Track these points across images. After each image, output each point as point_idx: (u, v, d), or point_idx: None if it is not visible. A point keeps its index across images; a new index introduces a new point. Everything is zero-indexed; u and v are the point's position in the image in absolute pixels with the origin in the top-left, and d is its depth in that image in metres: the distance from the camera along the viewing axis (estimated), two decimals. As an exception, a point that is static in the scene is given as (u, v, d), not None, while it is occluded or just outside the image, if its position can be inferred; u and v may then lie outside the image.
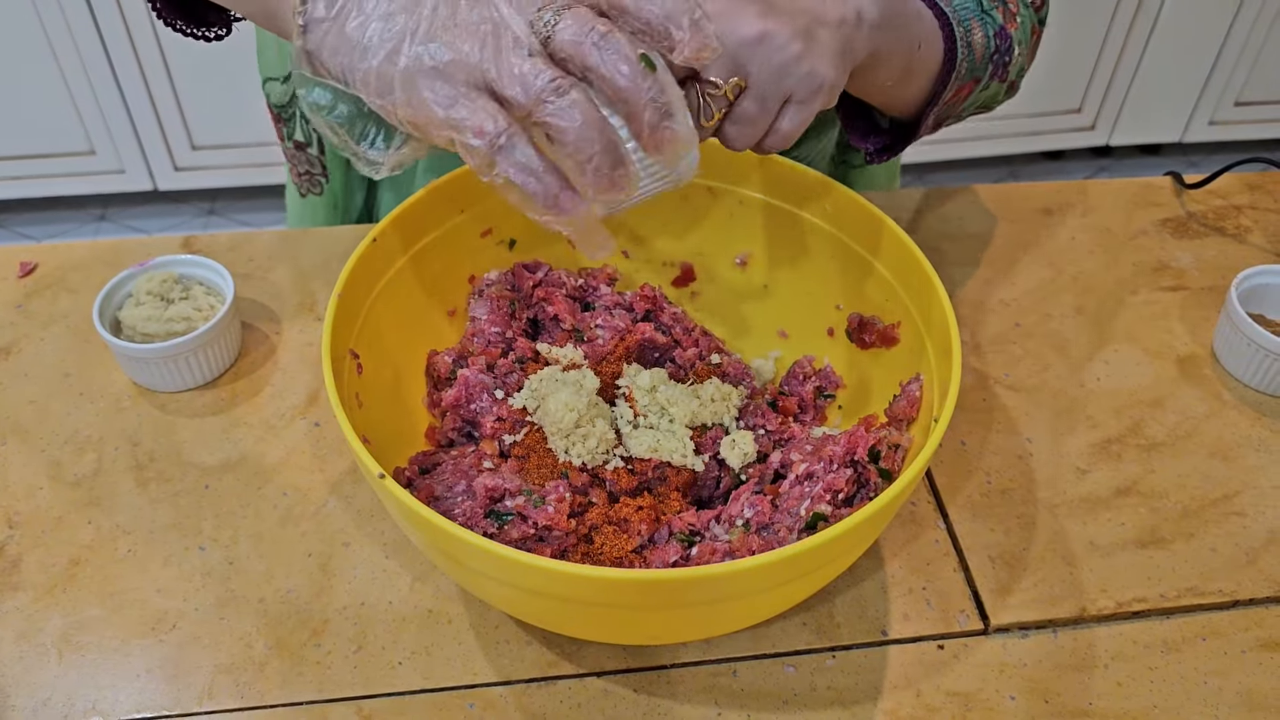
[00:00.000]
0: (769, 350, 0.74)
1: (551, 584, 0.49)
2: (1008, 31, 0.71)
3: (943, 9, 0.67)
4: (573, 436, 0.62)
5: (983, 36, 0.69)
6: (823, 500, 0.57)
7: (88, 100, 1.93)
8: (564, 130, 0.46)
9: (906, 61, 0.64)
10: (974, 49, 0.68)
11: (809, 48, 0.55)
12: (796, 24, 0.55)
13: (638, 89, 0.46)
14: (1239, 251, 0.89)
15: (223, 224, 2.18)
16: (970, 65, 0.69)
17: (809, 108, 0.56)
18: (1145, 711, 0.60)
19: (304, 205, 0.97)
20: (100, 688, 0.60)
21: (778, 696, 0.60)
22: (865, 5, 0.59)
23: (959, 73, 0.68)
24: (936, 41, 0.66)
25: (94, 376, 0.76)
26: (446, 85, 0.47)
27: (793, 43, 0.54)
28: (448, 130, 0.47)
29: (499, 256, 0.73)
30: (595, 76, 0.47)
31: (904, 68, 0.65)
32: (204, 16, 0.68)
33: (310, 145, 0.92)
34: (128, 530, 0.67)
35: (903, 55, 0.64)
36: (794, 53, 0.54)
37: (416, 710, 0.59)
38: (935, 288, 0.61)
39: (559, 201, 0.47)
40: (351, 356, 0.61)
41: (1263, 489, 0.71)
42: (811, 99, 0.56)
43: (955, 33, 0.67)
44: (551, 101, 0.46)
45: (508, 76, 0.46)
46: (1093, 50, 2.08)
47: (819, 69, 0.55)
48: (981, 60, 0.70)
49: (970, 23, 0.68)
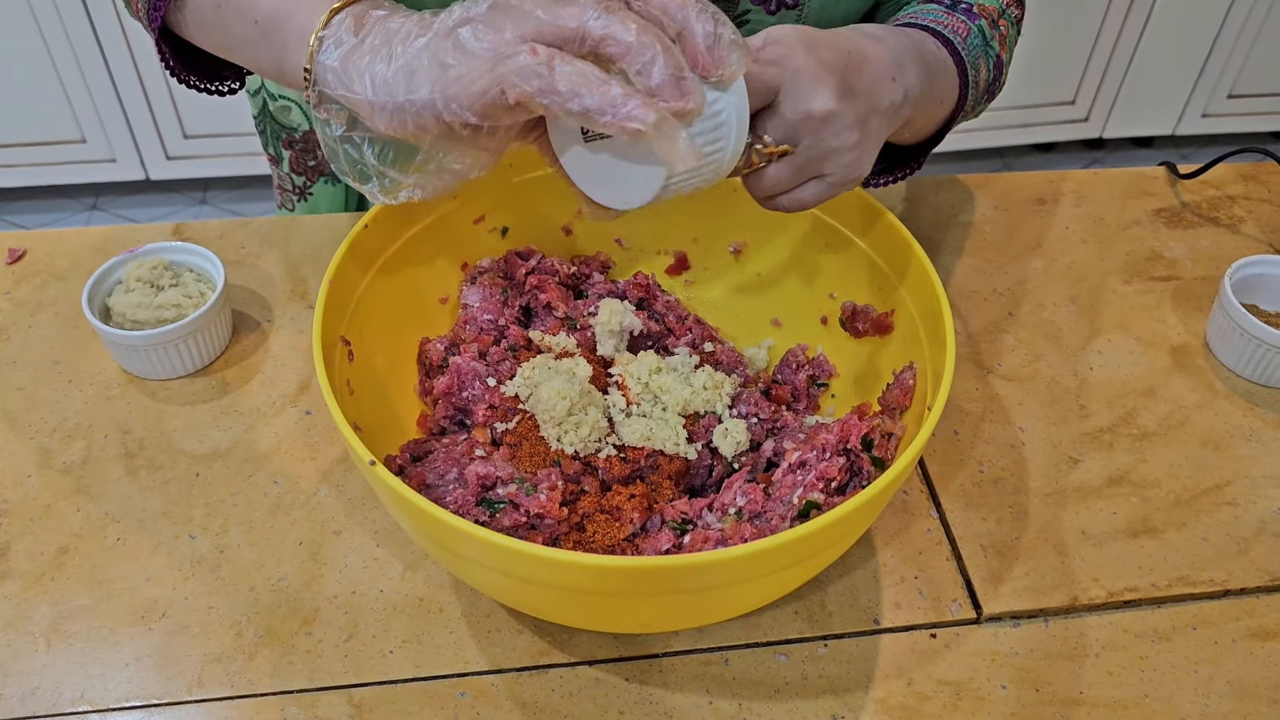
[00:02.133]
0: (762, 339, 0.74)
1: (543, 572, 0.49)
2: (1001, 59, 0.72)
3: (961, 55, 0.67)
4: (565, 424, 0.62)
5: (985, 71, 0.70)
6: (815, 488, 0.57)
7: (79, 88, 1.92)
8: (621, 39, 0.45)
9: (928, 118, 0.65)
10: (978, 85, 0.69)
11: (862, 139, 0.55)
12: (858, 110, 0.55)
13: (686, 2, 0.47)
14: (1232, 242, 0.89)
15: (215, 213, 2.17)
16: (974, 100, 0.70)
17: (835, 190, 0.57)
18: (1136, 700, 0.60)
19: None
20: (89, 676, 0.59)
21: (770, 685, 0.60)
22: (913, 84, 0.59)
23: (965, 112, 0.69)
24: (954, 90, 0.67)
25: (83, 364, 0.75)
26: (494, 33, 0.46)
27: (851, 131, 0.54)
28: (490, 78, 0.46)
29: (492, 244, 0.72)
30: (642, 5, 0.47)
31: (924, 124, 0.66)
32: (217, 71, 0.68)
33: (281, 162, 0.92)
34: (117, 518, 0.66)
35: (924, 115, 0.64)
36: (848, 142, 0.55)
37: (408, 699, 0.59)
38: (929, 277, 0.61)
39: (625, 105, 0.45)
40: (343, 344, 0.61)
41: (1254, 479, 0.71)
42: (841, 185, 0.56)
43: (968, 76, 0.67)
44: (598, 17, 0.45)
45: (556, 12, 0.46)
46: (1086, 42, 2.08)
47: (861, 164, 0.56)
48: (983, 92, 0.71)
49: (977, 61, 0.69)
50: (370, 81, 0.49)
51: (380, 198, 0.54)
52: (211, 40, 0.61)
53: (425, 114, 0.48)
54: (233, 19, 0.58)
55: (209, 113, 1.99)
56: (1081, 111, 2.20)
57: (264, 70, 0.58)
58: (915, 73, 0.60)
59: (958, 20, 0.68)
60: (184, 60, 0.66)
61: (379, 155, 0.52)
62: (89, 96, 1.93)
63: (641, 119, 0.45)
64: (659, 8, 0.47)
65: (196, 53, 0.65)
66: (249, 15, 0.57)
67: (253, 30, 0.57)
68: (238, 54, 0.60)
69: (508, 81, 0.46)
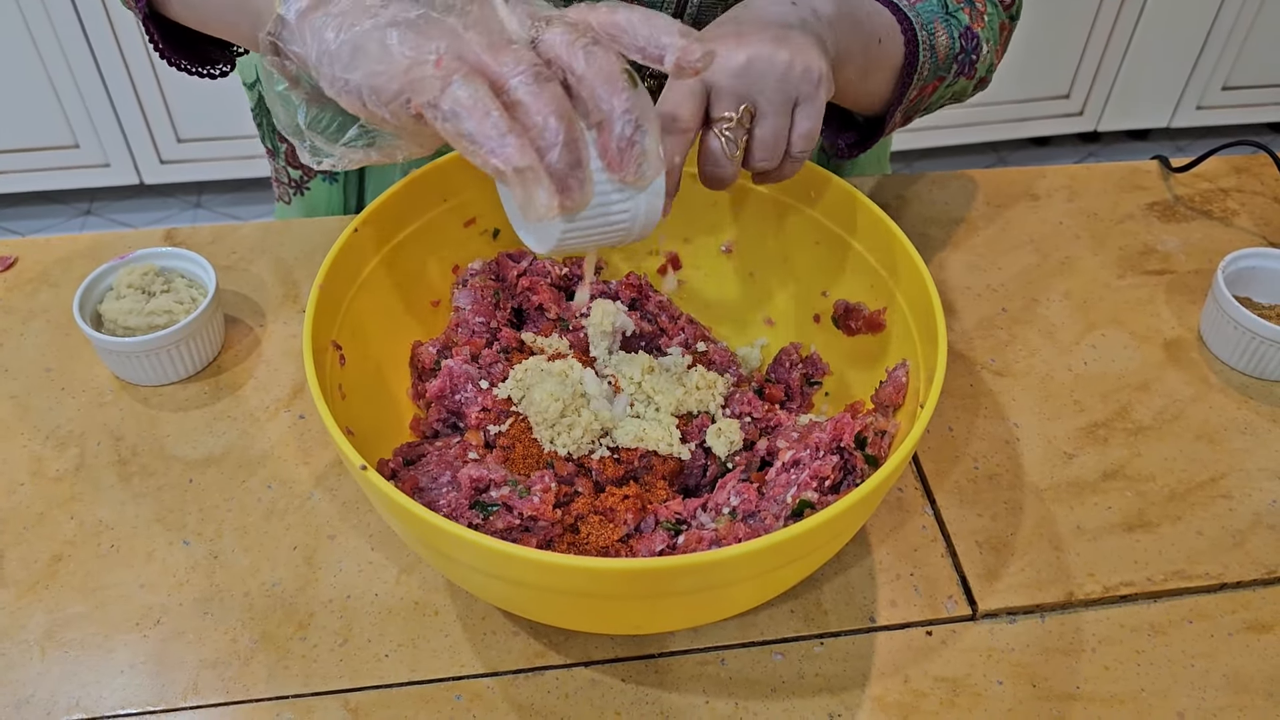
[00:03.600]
0: (755, 338, 0.74)
1: (537, 574, 0.49)
2: (974, 31, 0.73)
3: (902, 9, 0.69)
4: (558, 426, 0.62)
5: (947, 38, 0.71)
6: (809, 487, 0.57)
7: (71, 93, 1.92)
8: (530, 109, 0.44)
9: (867, 57, 0.66)
10: (937, 50, 0.71)
11: (793, 51, 0.57)
12: (770, 35, 0.57)
13: (616, 96, 0.46)
14: (1225, 235, 0.89)
15: (209, 217, 2.16)
16: (934, 66, 0.71)
17: (816, 101, 0.58)
18: (1132, 694, 0.60)
19: (285, 211, 0.98)
20: (84, 684, 0.59)
21: (766, 684, 0.60)
22: (818, 4, 0.62)
23: (921, 73, 0.70)
24: (896, 38, 0.68)
25: (75, 371, 0.75)
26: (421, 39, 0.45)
27: (778, 52, 0.57)
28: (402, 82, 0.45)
29: (483, 246, 0.72)
30: (576, 80, 0.46)
31: (865, 63, 0.67)
32: (206, 54, 0.68)
33: (277, 155, 0.92)
34: (111, 525, 0.66)
35: (862, 50, 0.66)
36: (783, 60, 0.57)
37: (403, 702, 0.59)
38: (921, 273, 0.61)
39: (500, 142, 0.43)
40: (334, 348, 0.60)
41: (1249, 472, 0.71)
42: (815, 92, 0.58)
43: (918, 36, 0.69)
44: (527, 81, 0.45)
45: (491, 50, 0.45)
46: (1080, 36, 2.08)
47: (810, 63, 0.57)
48: (945, 60, 0.72)
49: (934, 25, 0.70)
50: (316, 47, 0.49)
51: (308, 158, 0.54)
52: (194, 12, 0.61)
53: (355, 97, 0.47)
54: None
55: (203, 116, 1.98)
56: (1076, 105, 2.20)
57: (241, 36, 0.59)
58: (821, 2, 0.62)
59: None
60: (173, 44, 0.66)
61: (310, 121, 0.52)
62: (81, 101, 1.93)
63: (507, 160, 0.43)
64: (589, 91, 0.46)
65: (184, 36, 0.65)
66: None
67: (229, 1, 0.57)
68: (217, 24, 0.60)
69: (412, 89, 0.45)
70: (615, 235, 0.51)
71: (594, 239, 0.51)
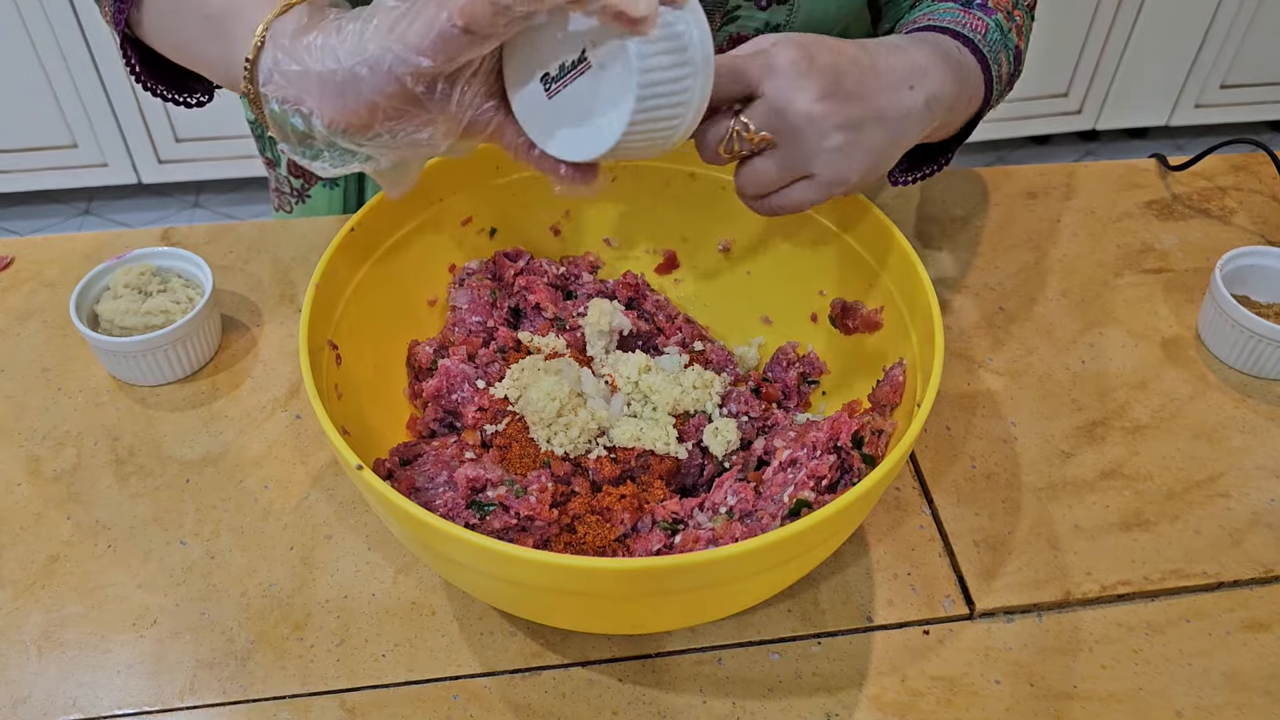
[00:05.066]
0: (752, 337, 0.74)
1: (534, 574, 0.49)
2: (1020, 49, 0.71)
3: (981, 51, 0.66)
4: (555, 426, 0.62)
5: (1007, 65, 0.69)
6: (806, 486, 0.57)
7: (69, 93, 1.92)
8: None
9: (957, 118, 0.64)
10: (1001, 79, 0.68)
11: (850, 144, 0.54)
12: (849, 114, 0.54)
13: None
14: (1224, 233, 0.89)
15: (208, 216, 2.16)
16: (998, 94, 0.69)
17: (823, 193, 0.56)
18: (1130, 693, 0.60)
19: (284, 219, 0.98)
20: (80, 684, 0.59)
21: (763, 684, 0.60)
22: (940, 90, 0.58)
23: (991, 105, 0.68)
24: (981, 87, 0.66)
25: (72, 371, 0.75)
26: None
27: (835, 134, 0.54)
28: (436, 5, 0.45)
29: (479, 245, 0.72)
30: None
31: (952, 121, 0.64)
32: (185, 82, 0.68)
33: (278, 165, 0.92)
34: (107, 526, 0.66)
35: (960, 117, 0.64)
36: (833, 144, 0.54)
37: (401, 703, 0.59)
38: (918, 272, 0.61)
39: None
40: (330, 348, 0.60)
41: (1247, 470, 0.71)
42: (829, 188, 0.55)
43: (991, 73, 0.66)
44: None
45: None
46: (1079, 35, 2.08)
47: (848, 168, 0.55)
48: (1004, 86, 0.70)
49: (999, 56, 0.68)
50: (320, 52, 0.49)
51: (330, 171, 0.53)
52: (165, 39, 0.61)
53: (376, 73, 0.47)
54: (187, 15, 0.58)
55: (201, 116, 1.98)
56: (1075, 104, 2.20)
57: (211, 67, 0.58)
58: (939, 78, 0.59)
59: (975, 18, 0.67)
60: (152, 70, 0.66)
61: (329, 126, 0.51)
62: (79, 101, 1.93)
63: None
64: None
65: (164, 61, 0.65)
66: (201, 10, 0.56)
67: (204, 26, 0.56)
68: (188, 52, 0.59)
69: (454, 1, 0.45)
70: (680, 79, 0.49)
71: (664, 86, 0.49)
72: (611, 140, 0.50)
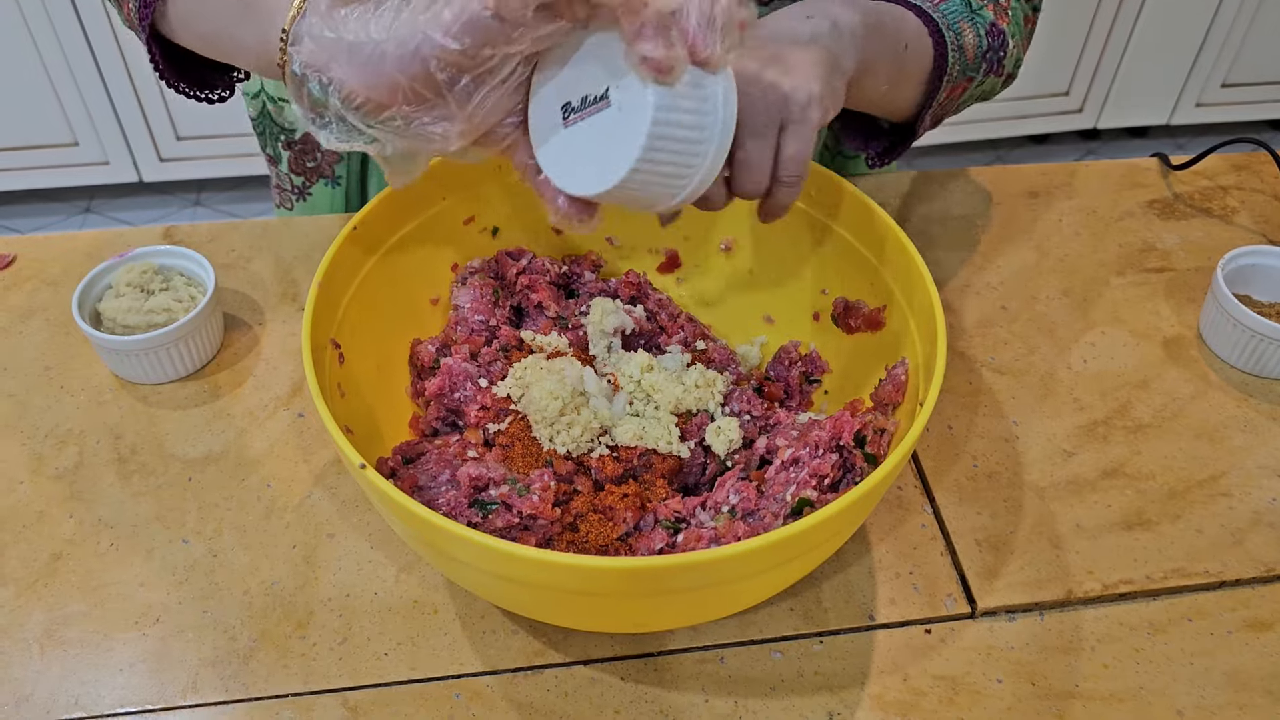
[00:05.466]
0: (755, 336, 0.74)
1: (536, 573, 0.49)
2: (999, 27, 0.71)
3: (927, 12, 0.67)
4: (557, 425, 0.62)
5: (974, 36, 0.69)
6: (808, 486, 0.57)
7: (70, 91, 1.92)
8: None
9: (895, 66, 0.65)
10: (965, 50, 0.69)
11: (784, 70, 0.56)
12: (763, 55, 0.56)
13: None
14: (1225, 232, 0.89)
15: (209, 215, 2.16)
16: (963, 66, 0.69)
17: (805, 124, 0.56)
18: (1132, 692, 0.60)
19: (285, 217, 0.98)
20: (83, 683, 0.59)
21: (765, 682, 0.60)
22: (840, 15, 0.60)
23: (951, 75, 0.68)
24: (924, 43, 0.66)
25: (75, 369, 0.75)
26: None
27: (765, 71, 0.55)
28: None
29: (482, 244, 0.72)
30: None
31: (894, 72, 0.65)
32: (209, 78, 0.68)
33: (280, 162, 0.92)
34: (110, 524, 0.66)
35: (890, 58, 0.64)
36: (766, 83, 0.55)
37: (403, 701, 0.59)
38: (920, 271, 0.61)
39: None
40: (333, 346, 0.60)
41: (1249, 470, 0.71)
42: (804, 116, 0.56)
43: (945, 36, 0.67)
44: None
45: None
46: (1080, 33, 2.08)
47: (799, 85, 0.55)
48: (974, 60, 0.70)
49: (960, 25, 0.68)
50: (356, 23, 0.49)
51: (333, 144, 0.53)
52: (195, 30, 0.61)
53: (403, 51, 0.47)
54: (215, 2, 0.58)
55: (202, 114, 1.98)
56: (1076, 103, 2.20)
57: (246, 52, 0.57)
58: (836, 9, 0.60)
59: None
60: (176, 67, 0.66)
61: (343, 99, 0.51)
62: (80, 99, 1.93)
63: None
64: None
65: (187, 59, 0.65)
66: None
67: (235, 7, 0.56)
68: (220, 41, 0.59)
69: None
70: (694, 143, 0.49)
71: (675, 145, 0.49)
72: (611, 182, 0.49)
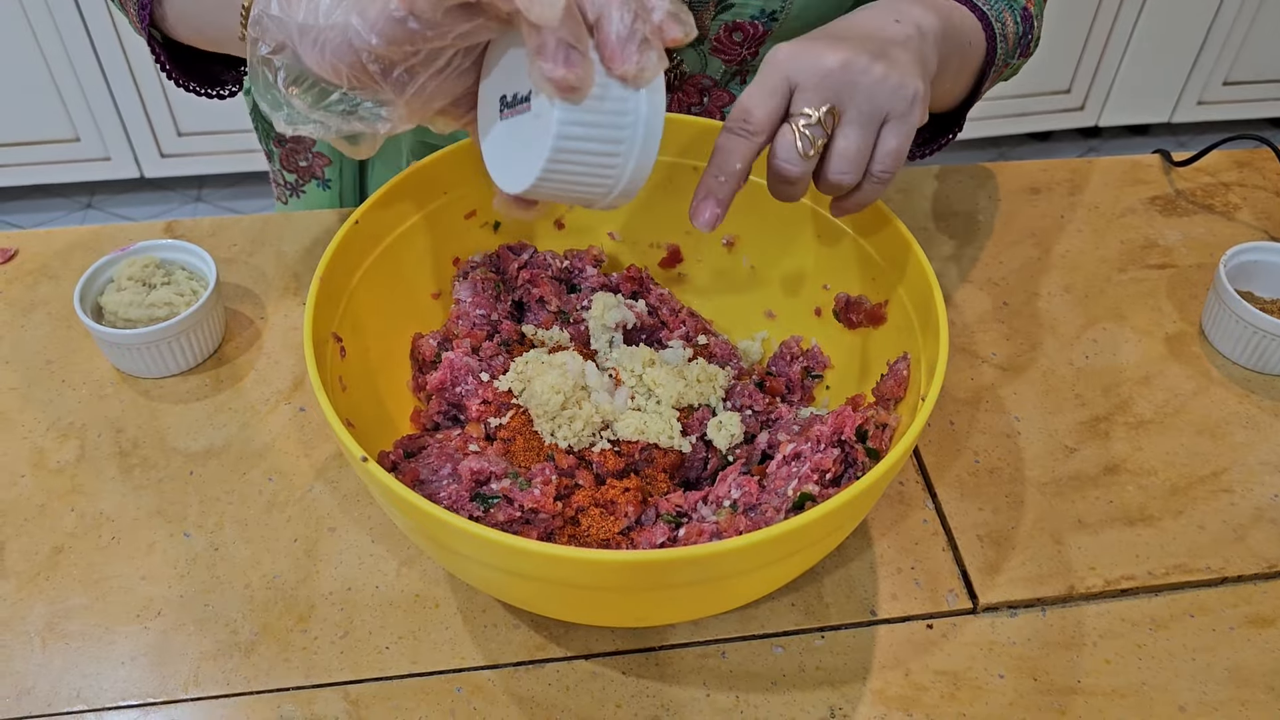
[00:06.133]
0: (756, 331, 0.74)
1: (538, 567, 0.49)
2: (1029, 10, 0.72)
3: (978, 5, 0.67)
4: (559, 419, 0.62)
5: (1013, 25, 0.70)
6: (810, 480, 0.57)
7: (72, 86, 1.92)
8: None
9: (960, 64, 0.66)
10: (1007, 38, 0.70)
11: (891, 65, 0.55)
12: (870, 48, 0.55)
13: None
14: (1227, 229, 0.89)
15: (210, 210, 2.16)
16: (1005, 53, 0.70)
17: (908, 121, 0.56)
18: (1134, 688, 0.60)
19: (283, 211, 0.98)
20: (85, 676, 0.59)
21: (766, 677, 0.60)
22: (922, 19, 0.60)
23: (997, 64, 0.69)
24: (980, 36, 0.67)
25: (76, 363, 0.75)
26: None
27: (875, 64, 0.55)
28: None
29: (483, 238, 0.72)
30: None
31: (959, 70, 0.66)
32: (214, 74, 0.68)
33: (274, 159, 0.92)
34: (111, 517, 0.66)
35: (957, 58, 0.65)
36: (879, 73, 0.55)
37: (404, 695, 0.59)
38: (922, 267, 0.60)
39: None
40: (335, 340, 0.60)
41: (1250, 466, 0.71)
42: (909, 112, 0.56)
43: (994, 29, 0.68)
44: None
45: None
46: (1081, 31, 2.08)
47: (907, 81, 0.55)
48: (1014, 46, 0.71)
49: (1003, 14, 0.69)
50: (305, 4, 0.49)
51: (283, 126, 0.53)
52: (190, 24, 0.61)
53: (340, 40, 0.47)
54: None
55: (203, 110, 1.98)
56: (1077, 100, 2.20)
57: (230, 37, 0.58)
58: (918, 13, 0.60)
59: None
60: (181, 66, 0.66)
61: (290, 84, 0.51)
62: (82, 95, 1.93)
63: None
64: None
65: (192, 57, 0.65)
66: None
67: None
68: (209, 32, 0.60)
69: None
70: (609, 155, 0.48)
71: (587, 158, 0.48)
72: (523, 185, 0.50)
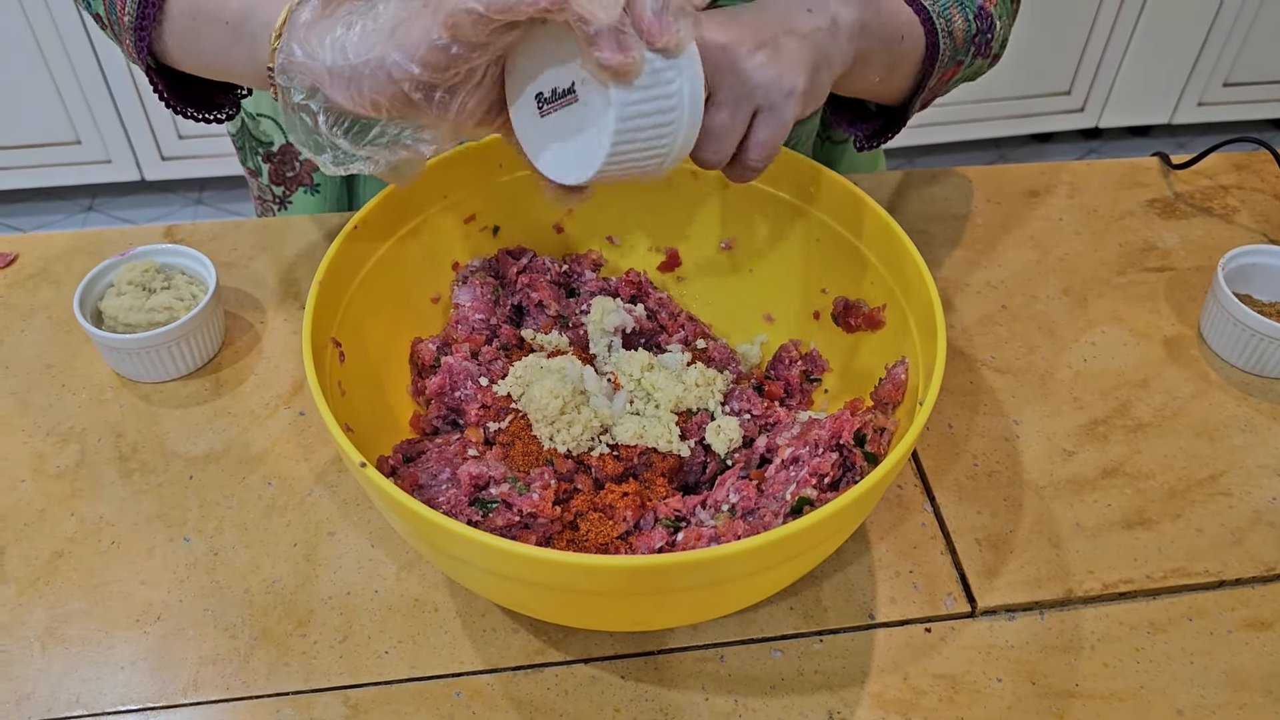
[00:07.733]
0: (755, 334, 0.74)
1: (536, 572, 0.49)
2: (986, 10, 0.71)
3: (919, 0, 0.67)
4: (558, 423, 0.62)
5: (963, 22, 0.70)
6: (808, 484, 0.57)
7: (72, 89, 1.92)
8: None
9: (890, 58, 0.65)
10: (955, 36, 0.69)
11: (774, 56, 0.56)
12: (760, 35, 0.56)
13: None
14: (1226, 232, 0.89)
15: (211, 213, 2.16)
16: (953, 51, 0.70)
17: (780, 115, 0.56)
18: (1132, 692, 0.60)
19: None
20: (84, 680, 0.59)
21: (765, 681, 0.60)
22: (841, 12, 0.60)
23: (942, 62, 0.69)
24: (917, 31, 0.67)
25: (76, 368, 0.75)
26: None
27: (756, 53, 0.55)
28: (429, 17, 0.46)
29: (482, 243, 0.72)
30: None
31: (888, 64, 0.66)
32: (212, 99, 0.69)
33: (260, 174, 0.93)
34: (111, 522, 0.66)
35: (885, 53, 0.65)
36: (758, 61, 0.55)
37: (403, 699, 0.59)
38: (920, 270, 0.61)
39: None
40: (334, 345, 0.60)
41: (1249, 469, 0.71)
42: (782, 106, 0.56)
43: (935, 25, 0.68)
44: None
45: None
46: (1081, 32, 2.08)
47: (786, 75, 0.56)
48: (964, 44, 0.71)
49: (950, 11, 0.69)
50: (330, 47, 0.49)
51: (331, 168, 0.54)
52: (191, 57, 0.62)
53: (378, 75, 0.48)
54: (205, 28, 0.58)
55: (203, 113, 1.98)
56: (1077, 101, 2.20)
57: (241, 72, 0.59)
58: (837, 4, 0.60)
59: None
60: (179, 92, 0.66)
61: (332, 125, 0.52)
62: (83, 98, 1.93)
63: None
64: None
65: (189, 83, 0.66)
66: (219, 18, 0.57)
67: (225, 33, 0.57)
68: (216, 64, 0.60)
69: (442, 10, 0.45)
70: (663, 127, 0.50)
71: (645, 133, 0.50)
72: (589, 173, 0.51)
